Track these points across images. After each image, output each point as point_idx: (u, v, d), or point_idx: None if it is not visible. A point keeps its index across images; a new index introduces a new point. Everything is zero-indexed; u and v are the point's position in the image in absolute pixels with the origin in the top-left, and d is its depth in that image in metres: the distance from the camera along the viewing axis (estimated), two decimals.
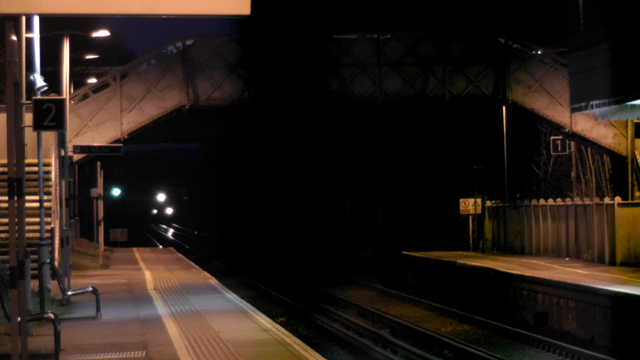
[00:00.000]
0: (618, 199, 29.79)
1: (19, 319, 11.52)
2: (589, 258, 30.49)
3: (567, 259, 31.92)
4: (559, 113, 35.83)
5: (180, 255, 48.75)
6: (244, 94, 36.46)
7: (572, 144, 38.03)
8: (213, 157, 65.44)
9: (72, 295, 22.81)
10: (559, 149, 37.90)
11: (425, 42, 37.45)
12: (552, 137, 38.49)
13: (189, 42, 36.29)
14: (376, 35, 37.60)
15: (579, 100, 25.04)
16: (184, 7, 9.86)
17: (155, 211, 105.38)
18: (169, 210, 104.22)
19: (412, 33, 38.61)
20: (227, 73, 36.24)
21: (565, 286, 24.64)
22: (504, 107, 38.91)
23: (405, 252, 41.00)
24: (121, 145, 34.36)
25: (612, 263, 29.00)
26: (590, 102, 24.26)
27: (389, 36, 37.74)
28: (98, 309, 20.54)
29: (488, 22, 38.43)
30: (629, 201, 31.18)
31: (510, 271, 29.05)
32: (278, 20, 37.20)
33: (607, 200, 30.41)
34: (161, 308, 21.89)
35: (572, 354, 21.31)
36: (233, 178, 64.76)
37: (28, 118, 18.48)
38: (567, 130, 35.98)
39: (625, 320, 21.08)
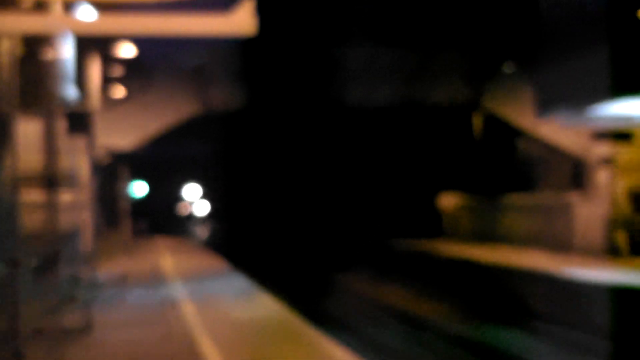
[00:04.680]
0: (577, 197, 29.96)
1: (55, 300, 11.69)
2: (552, 246, 30.66)
3: (535, 247, 32.08)
4: (526, 120, 35.91)
5: (198, 243, 48.90)
6: (248, 101, 36.62)
7: (539, 147, 38.10)
8: (223, 158, 65.24)
9: (101, 279, 22.98)
10: (527, 151, 38.03)
11: (411, 55, 37.49)
12: (520, 141, 38.62)
13: (201, 58, 36.38)
14: (368, 48, 37.58)
15: (543, 108, 25.20)
16: (195, 28, 9.99)
17: (186, 208, 79.09)
18: (201, 208, 77.45)
19: (399, 48, 38.59)
20: (234, 83, 36.39)
21: (530, 271, 24.78)
22: (476, 115, 39.11)
23: (391, 243, 41.14)
24: (143, 147, 34.51)
25: (571, 251, 29.19)
26: (553, 110, 24.44)
27: (379, 49, 37.72)
28: (124, 291, 20.69)
29: (467, 38, 38.51)
30: (586, 198, 31.31)
31: (482, 259, 29.17)
32: (279, 34, 37.33)
33: (568, 197, 30.57)
34: (180, 290, 22.03)
35: (536, 330, 21.49)
36: (238, 178, 64.62)
37: (62, 125, 18.64)
38: (533, 135, 36.08)
39: (581, 301, 21.23)
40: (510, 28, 35.77)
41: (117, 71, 33.29)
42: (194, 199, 73.93)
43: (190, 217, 74.59)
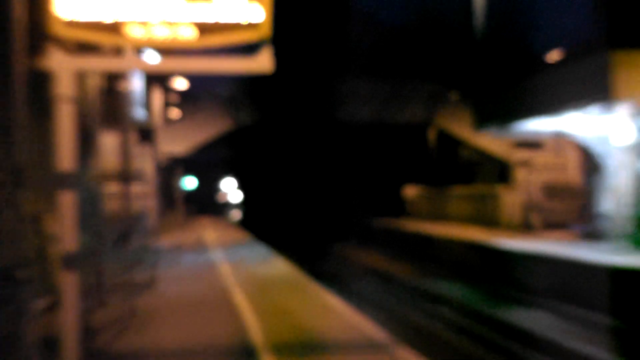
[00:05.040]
0: (503, 189, 30.03)
1: (129, 262, 11.78)
2: (485, 224, 30.72)
3: (472, 225, 32.12)
4: (466, 133, 35.93)
5: (232, 222, 48.77)
6: (266, 119, 36.67)
7: (475, 153, 38.09)
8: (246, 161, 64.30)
9: (162, 247, 23.04)
10: (466, 156, 38.02)
11: (383, 85, 37.37)
12: (461, 149, 38.61)
13: (233, 89, 36.41)
14: (353, 79, 37.44)
15: (478, 125, 25.26)
16: (229, 67, 9.97)
17: (224, 197, 70.84)
18: (235, 197, 68.79)
19: (376, 79, 38.34)
20: (255, 104, 36.44)
21: (468, 241, 24.84)
22: (430, 130, 39.14)
23: (369, 221, 41.18)
24: (193, 152, 34.54)
25: (498, 227, 29.25)
26: (485, 125, 24.50)
27: (362, 80, 37.54)
28: (179, 256, 20.76)
29: (425, 73, 38.44)
30: (509, 189, 31.38)
31: (434, 232, 29.23)
32: (289, 71, 37.34)
33: (496, 189, 30.62)
34: (218, 255, 22.13)
35: (470, 283, 21.57)
36: (260, 175, 64.19)
37: (134, 137, 18.72)
38: (471, 144, 36.11)
39: (503, 262, 21.32)
40: (456, 66, 35.81)
41: (173, 98, 33.35)
42: (230, 190, 73.81)
43: (227, 204, 74.41)
